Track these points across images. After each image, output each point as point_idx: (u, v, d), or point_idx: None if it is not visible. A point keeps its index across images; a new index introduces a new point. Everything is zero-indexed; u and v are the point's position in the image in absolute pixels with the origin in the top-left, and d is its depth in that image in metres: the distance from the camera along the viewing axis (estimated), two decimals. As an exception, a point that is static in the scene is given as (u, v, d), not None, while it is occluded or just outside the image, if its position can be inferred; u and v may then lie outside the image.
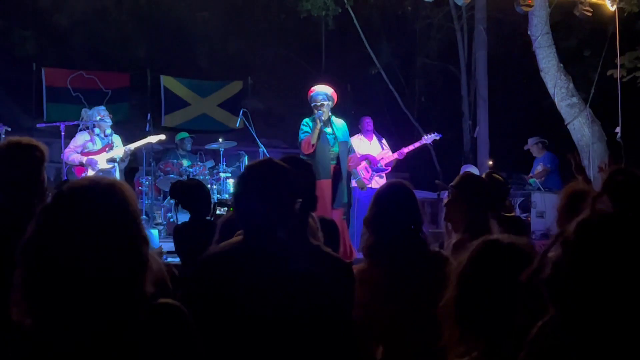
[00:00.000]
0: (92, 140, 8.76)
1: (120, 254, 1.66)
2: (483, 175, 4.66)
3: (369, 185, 8.70)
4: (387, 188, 3.45)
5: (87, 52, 16.34)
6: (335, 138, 7.33)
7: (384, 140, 9.11)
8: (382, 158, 8.90)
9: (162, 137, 9.40)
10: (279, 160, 2.63)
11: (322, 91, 7.39)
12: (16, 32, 15.69)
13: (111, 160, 8.74)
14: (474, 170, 10.40)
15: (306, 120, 7.39)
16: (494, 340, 1.84)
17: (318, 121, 7.17)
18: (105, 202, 1.70)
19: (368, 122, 9.12)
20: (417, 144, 9.15)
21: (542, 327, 1.51)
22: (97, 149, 8.71)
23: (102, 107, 9.00)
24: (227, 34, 17.16)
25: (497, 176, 4.83)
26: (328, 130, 7.32)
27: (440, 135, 9.25)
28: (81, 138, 8.76)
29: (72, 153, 8.59)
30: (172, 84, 15.25)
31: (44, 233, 1.64)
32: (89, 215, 1.66)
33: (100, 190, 1.72)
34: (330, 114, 7.39)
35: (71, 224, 1.64)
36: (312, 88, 7.53)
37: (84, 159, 8.56)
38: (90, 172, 8.49)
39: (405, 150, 9.05)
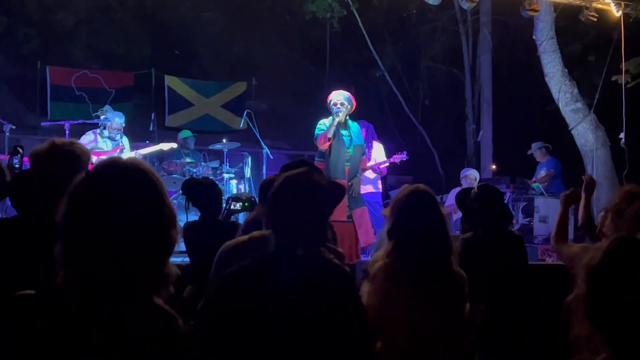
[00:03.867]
0: (95, 141, 8.76)
1: (149, 231, 1.72)
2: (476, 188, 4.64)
3: None
4: (410, 194, 3.26)
5: (91, 51, 16.39)
6: (351, 140, 7.39)
7: (375, 147, 9.04)
8: None
9: (174, 145, 9.44)
10: (317, 176, 2.58)
11: (343, 93, 7.48)
12: (21, 30, 15.73)
13: None
14: (475, 174, 10.41)
15: (321, 120, 7.45)
16: (624, 341, 1.79)
17: (335, 117, 7.24)
18: (136, 180, 1.76)
19: (363, 133, 9.04)
20: (386, 161, 9.07)
21: None
22: (108, 150, 8.73)
23: (123, 118, 8.99)
24: (231, 34, 17.19)
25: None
26: (345, 132, 7.38)
27: (408, 157, 9.14)
28: (88, 137, 8.76)
29: None
30: (176, 84, 15.25)
31: (77, 206, 1.71)
32: (120, 191, 1.72)
33: (132, 169, 1.78)
34: (347, 117, 7.46)
35: (104, 198, 1.70)
36: (333, 91, 7.61)
37: (94, 159, 8.55)
38: None
39: (376, 166, 8.99)
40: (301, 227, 2.43)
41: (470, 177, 10.16)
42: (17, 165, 4.39)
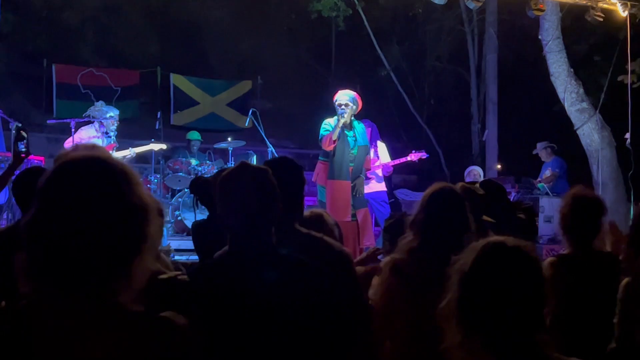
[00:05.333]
0: (97, 136, 8.75)
1: (116, 227, 1.60)
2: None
3: None
4: (437, 191, 3.32)
5: (97, 49, 16.43)
6: (356, 141, 7.39)
7: (379, 147, 9.04)
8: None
9: (163, 146, 9.41)
10: (254, 164, 2.59)
11: (349, 94, 7.47)
12: (27, 28, 15.77)
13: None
14: (479, 170, 10.41)
15: (326, 120, 7.45)
16: (495, 343, 1.85)
17: (340, 118, 7.24)
18: (92, 175, 1.64)
19: (368, 132, 9.04)
20: (402, 160, 9.09)
21: None
22: (104, 146, 8.71)
23: (117, 111, 8.98)
24: (237, 33, 17.21)
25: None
26: (350, 133, 7.38)
27: (428, 155, 9.19)
28: (89, 132, 8.74)
29: None
30: (182, 83, 15.27)
31: (40, 211, 1.61)
32: (81, 189, 1.61)
33: (88, 163, 1.67)
34: (353, 118, 7.45)
35: (64, 199, 1.60)
36: (339, 91, 7.60)
37: None
38: None
39: (392, 164, 9.00)
40: (241, 214, 2.42)
41: (474, 172, 10.16)
42: (23, 150, 4.13)
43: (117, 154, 8.69)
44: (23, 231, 1.62)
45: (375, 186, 8.82)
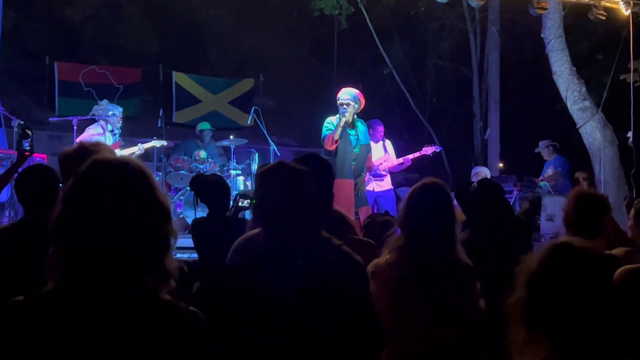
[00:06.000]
0: (103, 134, 8.78)
1: (143, 227, 1.69)
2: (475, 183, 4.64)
3: (367, 189, 8.69)
4: (422, 187, 3.29)
5: (99, 47, 16.42)
6: (358, 140, 7.39)
7: (387, 143, 9.06)
8: (381, 163, 8.85)
9: (164, 142, 9.47)
10: (293, 163, 2.59)
11: (350, 92, 7.46)
12: (29, 26, 15.76)
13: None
14: (485, 171, 10.38)
15: (328, 119, 7.43)
16: (562, 344, 1.84)
17: (342, 117, 7.23)
18: (125, 178, 1.74)
19: (380, 131, 9.06)
20: (417, 154, 9.12)
21: None
22: (110, 144, 8.73)
23: (120, 109, 9.03)
24: (239, 31, 17.20)
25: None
26: (352, 131, 7.36)
27: (441, 148, 9.22)
28: (96, 130, 8.77)
29: None
30: (184, 81, 15.28)
31: (71, 208, 1.69)
32: (110, 190, 1.69)
33: (120, 167, 1.76)
34: (355, 116, 7.43)
35: (96, 199, 1.68)
36: (342, 89, 7.58)
37: None
38: None
39: (411, 157, 9.02)
40: (290, 218, 2.42)
41: (481, 173, 10.14)
42: (27, 148, 4.18)
43: (126, 151, 8.79)
44: (56, 228, 1.69)
45: (387, 184, 8.85)
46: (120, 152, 8.79)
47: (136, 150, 8.94)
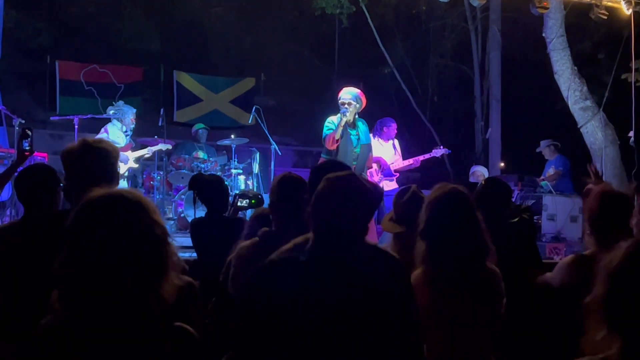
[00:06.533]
0: (121, 135, 8.91)
1: (143, 257, 1.81)
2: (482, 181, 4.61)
3: None
4: (443, 195, 3.20)
5: (100, 46, 16.41)
6: (359, 139, 7.37)
7: (396, 143, 9.05)
8: (393, 163, 8.84)
9: (169, 146, 9.62)
10: (360, 177, 2.61)
11: (352, 91, 7.44)
12: (30, 24, 15.76)
13: (137, 159, 9.12)
14: (483, 170, 10.38)
15: (329, 118, 7.42)
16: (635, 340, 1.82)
17: (343, 117, 7.21)
18: (124, 211, 1.84)
19: (393, 128, 9.04)
20: (427, 156, 9.12)
21: None
22: (123, 145, 8.82)
23: (134, 110, 9.15)
24: (240, 30, 17.20)
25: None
26: (353, 131, 7.35)
27: (450, 151, 9.24)
28: (114, 130, 8.88)
29: None
30: (185, 80, 15.30)
31: (73, 252, 1.79)
32: (112, 227, 1.79)
33: (119, 200, 1.86)
34: (356, 116, 7.42)
35: (94, 239, 1.78)
36: (343, 89, 7.57)
37: None
38: (123, 167, 8.70)
39: (421, 158, 9.02)
40: (345, 228, 2.44)
41: (478, 172, 10.14)
42: (27, 148, 4.16)
43: (136, 154, 9.00)
44: (58, 272, 1.80)
45: (394, 184, 8.85)
46: (131, 154, 8.93)
47: (145, 152, 9.22)
